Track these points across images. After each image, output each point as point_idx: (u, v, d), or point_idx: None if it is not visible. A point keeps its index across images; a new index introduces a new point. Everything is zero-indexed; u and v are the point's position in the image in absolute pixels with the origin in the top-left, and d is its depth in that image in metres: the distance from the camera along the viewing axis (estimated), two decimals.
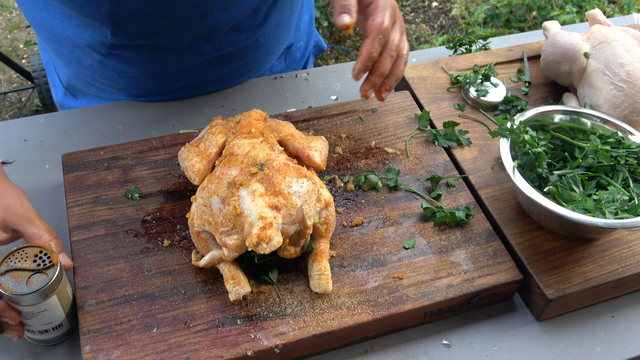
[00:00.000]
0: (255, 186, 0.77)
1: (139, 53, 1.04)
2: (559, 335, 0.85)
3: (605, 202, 0.84)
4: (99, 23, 0.98)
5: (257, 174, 0.79)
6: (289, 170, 0.80)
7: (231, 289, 0.78)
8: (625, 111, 1.00)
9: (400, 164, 0.98)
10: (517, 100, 1.09)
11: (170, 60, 1.07)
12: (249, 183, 0.78)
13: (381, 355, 0.82)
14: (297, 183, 0.79)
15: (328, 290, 0.80)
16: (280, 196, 0.77)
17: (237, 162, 0.81)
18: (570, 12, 2.82)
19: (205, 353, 0.75)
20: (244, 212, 0.76)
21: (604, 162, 0.90)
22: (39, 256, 0.75)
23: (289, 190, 0.78)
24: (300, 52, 1.29)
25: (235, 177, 0.79)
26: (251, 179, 0.78)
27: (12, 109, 2.69)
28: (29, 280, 0.73)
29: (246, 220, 0.76)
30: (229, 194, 0.77)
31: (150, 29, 1.00)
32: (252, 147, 0.83)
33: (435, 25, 3.30)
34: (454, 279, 0.84)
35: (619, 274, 0.86)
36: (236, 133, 0.87)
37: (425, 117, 1.05)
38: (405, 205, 0.93)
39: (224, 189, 0.78)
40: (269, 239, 0.74)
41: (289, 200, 0.78)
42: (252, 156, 0.82)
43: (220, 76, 1.13)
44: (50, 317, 0.76)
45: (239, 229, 0.77)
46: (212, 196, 0.79)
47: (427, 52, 1.30)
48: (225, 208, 0.77)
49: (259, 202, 0.76)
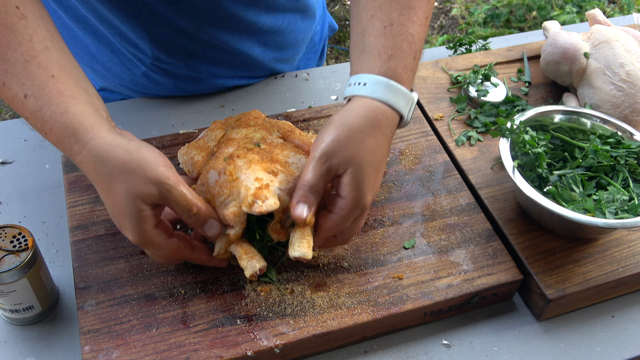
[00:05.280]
0: (252, 156, 0.76)
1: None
2: (559, 335, 0.85)
3: (605, 202, 0.84)
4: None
5: (254, 149, 0.78)
6: (286, 146, 0.80)
7: (246, 264, 0.76)
8: (625, 111, 1.00)
9: (400, 163, 0.98)
10: (518, 100, 1.09)
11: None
12: (245, 155, 0.77)
13: (381, 355, 0.82)
14: (295, 157, 0.78)
15: (307, 256, 0.74)
16: (277, 163, 0.76)
17: (234, 143, 0.81)
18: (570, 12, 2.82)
19: (205, 353, 0.75)
20: (240, 177, 0.75)
21: (604, 162, 0.90)
22: (16, 237, 0.77)
23: (287, 160, 0.77)
24: (318, 36, 1.29)
25: (232, 152, 0.78)
26: (248, 152, 0.77)
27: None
28: (2, 260, 0.75)
29: (242, 185, 0.74)
30: (226, 165, 0.77)
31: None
32: (250, 132, 0.83)
33: (435, 25, 3.30)
34: (454, 279, 0.84)
35: (619, 274, 0.86)
36: (235, 127, 0.87)
37: (463, 99, 1.08)
38: (405, 205, 0.93)
39: (220, 161, 0.78)
40: (265, 197, 0.72)
41: (286, 167, 0.76)
42: (249, 137, 0.81)
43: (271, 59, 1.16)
44: (20, 298, 0.78)
45: (235, 194, 0.75)
46: (210, 171, 0.78)
47: (427, 52, 1.30)
48: (221, 178, 0.76)
49: (255, 167, 0.75)
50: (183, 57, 1.06)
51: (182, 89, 1.12)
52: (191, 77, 1.10)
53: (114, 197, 0.71)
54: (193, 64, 1.08)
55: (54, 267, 0.88)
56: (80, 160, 0.73)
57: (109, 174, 0.71)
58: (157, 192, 0.71)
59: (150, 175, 0.71)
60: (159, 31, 1.01)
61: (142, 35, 1.01)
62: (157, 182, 0.71)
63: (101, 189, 0.73)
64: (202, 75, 1.10)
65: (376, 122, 0.75)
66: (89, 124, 0.73)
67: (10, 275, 0.75)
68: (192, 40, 1.04)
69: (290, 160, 0.77)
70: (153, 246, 0.74)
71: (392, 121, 0.77)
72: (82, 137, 0.72)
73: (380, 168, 0.77)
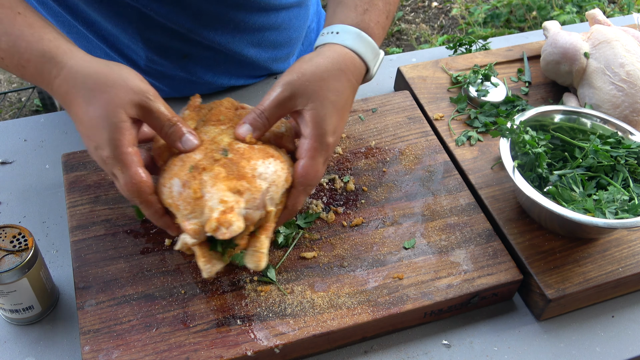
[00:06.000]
0: (218, 170, 0.74)
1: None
2: (559, 335, 0.85)
3: (605, 202, 0.84)
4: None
5: (221, 160, 0.75)
6: (254, 152, 0.77)
7: (202, 266, 0.75)
8: (625, 111, 1.00)
9: (400, 163, 0.98)
10: (518, 100, 1.09)
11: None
12: (212, 167, 0.74)
13: (381, 355, 0.82)
14: (264, 164, 0.76)
15: (259, 268, 0.76)
16: (244, 180, 0.74)
17: (202, 146, 0.78)
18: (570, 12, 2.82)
19: (205, 353, 0.75)
20: (204, 195, 0.73)
21: (604, 162, 0.90)
22: (16, 237, 0.77)
23: (254, 173, 0.74)
24: (314, 33, 1.29)
25: (198, 160, 0.75)
26: (214, 163, 0.75)
27: (12, 109, 2.69)
28: (2, 260, 0.75)
29: (206, 205, 0.72)
30: (191, 177, 0.74)
31: None
32: (218, 133, 0.80)
33: (435, 25, 3.30)
34: (454, 279, 0.84)
35: (619, 274, 0.86)
36: (206, 121, 0.83)
37: (463, 99, 1.08)
38: (405, 205, 0.93)
39: (186, 172, 0.75)
40: (229, 223, 0.70)
41: (253, 183, 0.74)
42: (216, 141, 0.78)
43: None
44: (20, 298, 0.78)
45: (199, 213, 0.73)
46: (174, 178, 0.75)
47: (427, 52, 1.30)
48: (185, 191, 0.74)
49: (220, 186, 0.73)
50: (177, 58, 1.06)
51: (180, 91, 1.11)
52: (187, 79, 1.09)
53: (94, 110, 0.71)
54: (187, 66, 1.07)
55: (54, 267, 0.88)
56: (59, 83, 0.73)
57: (90, 88, 0.71)
58: (138, 100, 0.72)
59: (133, 86, 0.72)
60: (151, 32, 1.00)
61: (134, 37, 1.01)
62: (139, 91, 0.72)
63: (79, 105, 0.72)
64: (197, 77, 1.10)
65: (343, 66, 0.78)
66: (66, 47, 0.74)
67: (10, 275, 0.75)
68: (185, 41, 1.03)
69: (258, 170, 0.75)
70: (123, 166, 0.72)
71: (359, 69, 0.80)
72: (61, 59, 0.73)
73: (344, 111, 0.79)
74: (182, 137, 0.76)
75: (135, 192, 0.73)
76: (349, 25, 0.80)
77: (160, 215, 0.76)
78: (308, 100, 0.75)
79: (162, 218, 0.77)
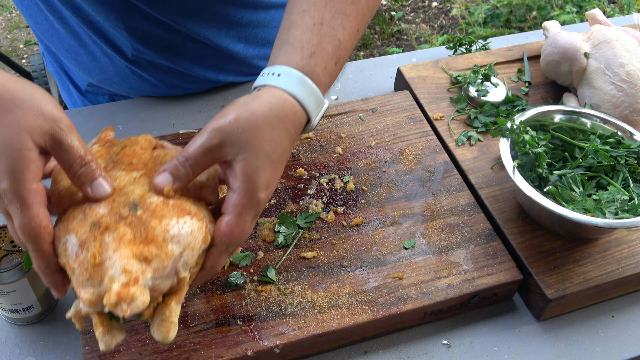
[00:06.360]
0: (123, 230, 0.63)
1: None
2: (559, 335, 0.85)
3: (605, 202, 0.84)
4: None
5: (128, 218, 0.64)
6: (167, 209, 0.65)
7: (100, 337, 0.64)
8: (625, 111, 1.00)
9: (400, 163, 0.98)
10: (518, 100, 1.09)
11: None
12: (116, 226, 0.63)
13: (381, 355, 0.82)
14: (178, 225, 0.65)
15: (167, 340, 0.65)
16: (153, 244, 0.63)
17: (107, 200, 0.66)
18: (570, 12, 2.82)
19: (205, 353, 0.75)
20: (104, 262, 0.62)
21: (604, 162, 0.90)
22: None
23: (165, 236, 0.63)
24: None
25: (101, 216, 0.64)
26: (120, 221, 0.63)
27: None
28: (2, 260, 0.75)
29: (106, 273, 0.61)
30: (91, 237, 0.62)
31: None
32: (129, 182, 0.68)
33: (435, 25, 3.30)
34: (454, 279, 0.84)
35: (619, 274, 0.86)
36: (117, 162, 0.71)
37: (463, 99, 1.08)
38: (405, 205, 0.93)
39: (86, 228, 0.63)
40: (132, 298, 0.60)
41: (163, 249, 0.63)
42: (126, 192, 0.66)
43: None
44: (20, 298, 0.78)
45: (97, 281, 0.62)
46: (71, 234, 0.63)
47: (427, 52, 1.30)
48: (83, 254, 0.62)
49: (124, 252, 0.62)
50: (161, 48, 1.04)
51: (169, 83, 1.10)
52: (174, 70, 1.08)
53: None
54: (173, 57, 1.06)
55: None
56: None
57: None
58: (49, 129, 0.61)
59: (44, 110, 0.61)
60: (134, 21, 0.99)
61: (118, 24, 0.99)
62: (51, 118, 0.61)
63: None
64: (184, 68, 1.08)
65: (282, 114, 0.69)
66: None
67: (10, 275, 0.75)
68: (170, 32, 1.01)
69: (170, 232, 0.64)
70: (23, 205, 0.60)
71: (299, 119, 0.71)
72: None
73: (279, 164, 0.70)
74: (93, 181, 0.64)
75: (31, 238, 0.61)
76: (293, 68, 0.71)
77: (52, 271, 0.64)
78: (240, 150, 0.66)
79: (53, 274, 0.65)
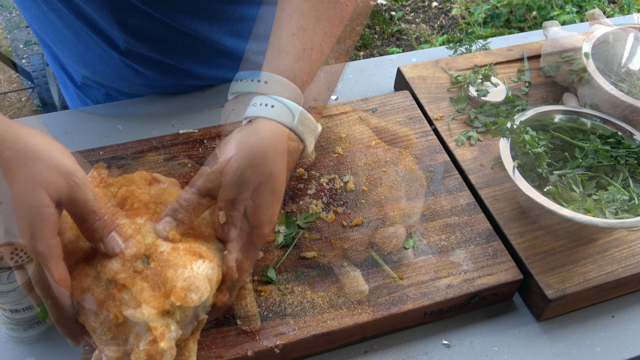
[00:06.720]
0: (140, 286, 0.63)
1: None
2: (559, 335, 0.85)
3: (605, 202, 0.84)
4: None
5: (143, 272, 0.64)
6: (179, 256, 0.65)
7: None
8: (625, 111, 1.00)
9: (400, 163, 0.98)
10: (518, 100, 1.09)
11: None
12: (133, 282, 0.63)
13: (381, 355, 0.82)
14: (192, 271, 0.65)
15: None
16: (173, 296, 0.63)
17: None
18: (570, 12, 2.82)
19: (205, 353, 0.75)
20: (127, 320, 0.62)
21: (604, 162, 0.90)
22: (15, 253, 0.71)
23: (183, 285, 0.64)
24: None
25: (116, 272, 0.64)
26: (135, 276, 0.64)
27: (12, 109, 2.70)
28: (2, 260, 0.72)
29: (131, 331, 0.62)
30: (109, 297, 0.63)
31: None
32: (135, 231, 0.67)
33: (435, 25, 3.30)
34: (454, 279, 0.84)
35: (619, 274, 0.86)
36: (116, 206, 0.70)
37: (463, 99, 1.08)
38: (405, 205, 0.93)
39: (101, 287, 0.63)
40: (161, 354, 0.61)
41: (183, 299, 0.63)
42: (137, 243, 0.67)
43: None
44: (20, 298, 0.77)
45: (121, 340, 0.63)
46: (86, 294, 0.63)
47: (427, 52, 1.30)
48: (103, 315, 0.63)
49: (146, 310, 0.62)
50: (153, 42, 1.03)
51: (161, 78, 1.10)
52: (166, 64, 1.07)
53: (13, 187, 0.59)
54: (164, 50, 1.05)
55: None
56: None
57: (8, 158, 0.60)
58: (64, 184, 0.60)
59: (59, 164, 0.60)
60: (125, 14, 0.98)
61: (109, 18, 0.98)
62: (65, 172, 0.60)
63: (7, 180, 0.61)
64: (176, 62, 1.07)
65: (281, 148, 0.68)
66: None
67: (10, 275, 0.75)
68: (161, 26, 1.01)
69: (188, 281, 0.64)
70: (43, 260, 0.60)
71: (296, 150, 0.71)
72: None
73: (280, 196, 0.70)
74: (107, 235, 0.64)
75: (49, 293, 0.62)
76: (287, 100, 0.70)
77: (70, 323, 0.64)
78: (241, 189, 0.66)
79: (71, 326, 0.65)
